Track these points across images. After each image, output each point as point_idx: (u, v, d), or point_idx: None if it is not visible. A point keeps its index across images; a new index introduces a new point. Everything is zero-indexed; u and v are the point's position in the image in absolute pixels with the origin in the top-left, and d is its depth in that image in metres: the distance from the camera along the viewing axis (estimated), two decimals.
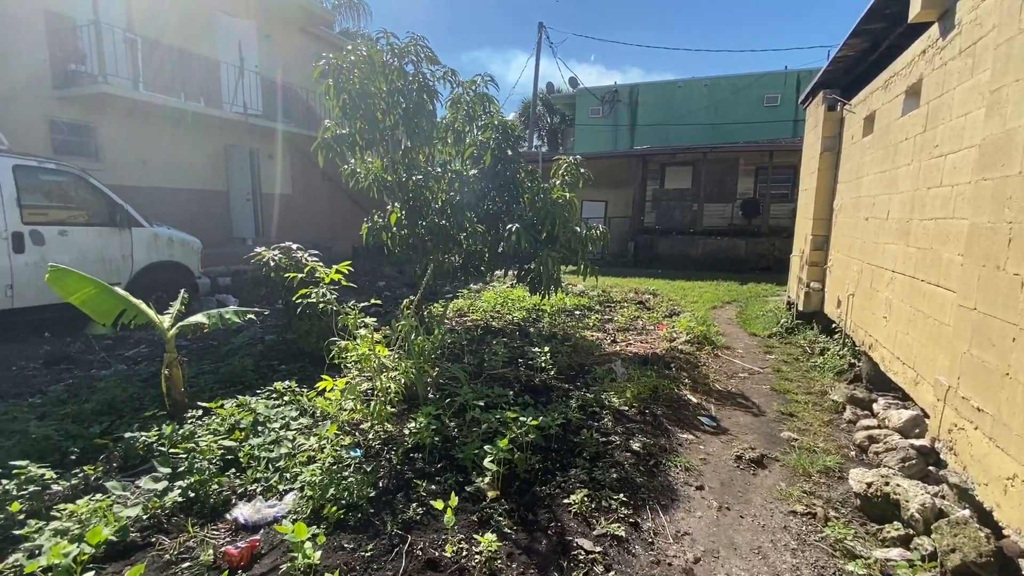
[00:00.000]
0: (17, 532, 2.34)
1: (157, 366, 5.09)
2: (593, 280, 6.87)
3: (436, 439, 3.29)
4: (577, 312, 8.79)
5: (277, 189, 14.83)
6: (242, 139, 13.46)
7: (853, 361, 5.47)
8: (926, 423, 3.55)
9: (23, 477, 2.68)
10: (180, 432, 3.18)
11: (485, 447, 2.92)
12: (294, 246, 5.55)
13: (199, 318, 3.62)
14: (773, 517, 2.82)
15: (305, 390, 4.05)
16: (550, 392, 4.53)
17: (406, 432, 3.42)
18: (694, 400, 4.58)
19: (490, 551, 2.25)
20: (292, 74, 14.69)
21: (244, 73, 13.07)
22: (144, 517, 2.51)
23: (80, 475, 2.91)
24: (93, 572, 2.09)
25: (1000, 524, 2.29)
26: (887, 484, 2.75)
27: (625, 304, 9.70)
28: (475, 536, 2.36)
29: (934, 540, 2.40)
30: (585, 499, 2.74)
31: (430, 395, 4.26)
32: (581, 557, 2.35)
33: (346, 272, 3.98)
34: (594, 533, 2.54)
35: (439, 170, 6.41)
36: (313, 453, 2.97)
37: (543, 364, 4.97)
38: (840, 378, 5.30)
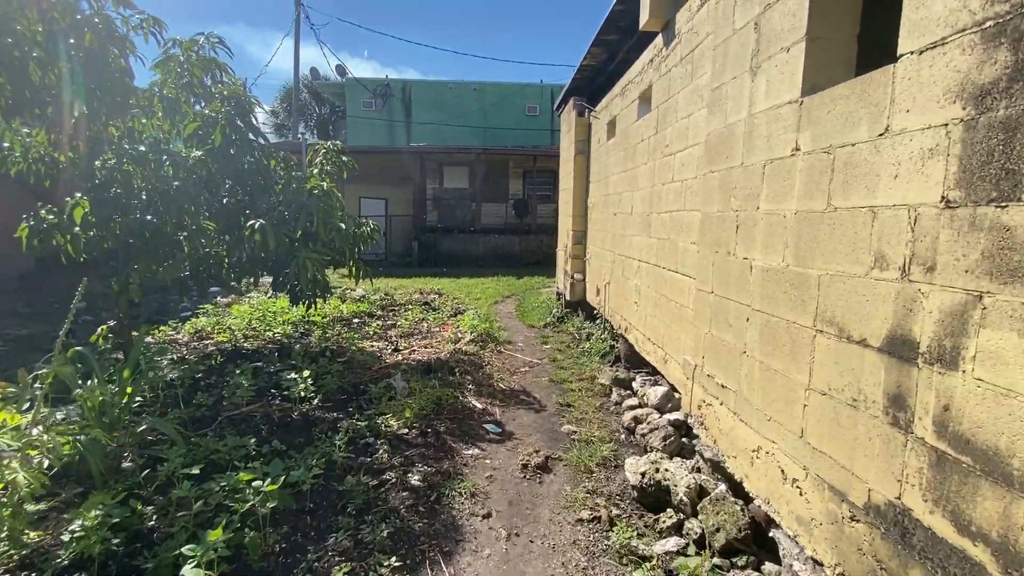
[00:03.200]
0: None
1: None
2: (372, 283, 6.10)
3: (115, 542, 2.18)
4: (356, 320, 7.89)
5: None
6: None
7: (613, 343, 5.98)
8: (676, 396, 3.90)
9: None
10: None
11: (189, 545, 1.99)
12: None
13: None
14: (562, 532, 2.61)
15: None
16: (312, 427, 3.68)
17: (65, 539, 2.21)
18: (479, 406, 4.29)
19: None
20: None
21: None
22: None
23: None
24: None
25: (750, 493, 2.43)
26: (657, 471, 2.79)
27: (410, 306, 9.16)
28: None
29: (701, 521, 2.45)
30: None
31: (126, 463, 2.99)
32: None
33: None
34: None
35: (142, 148, 4.80)
36: None
37: (302, 392, 4.05)
38: (604, 360, 5.72)
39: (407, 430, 3.70)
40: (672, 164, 3.92)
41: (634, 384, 4.70)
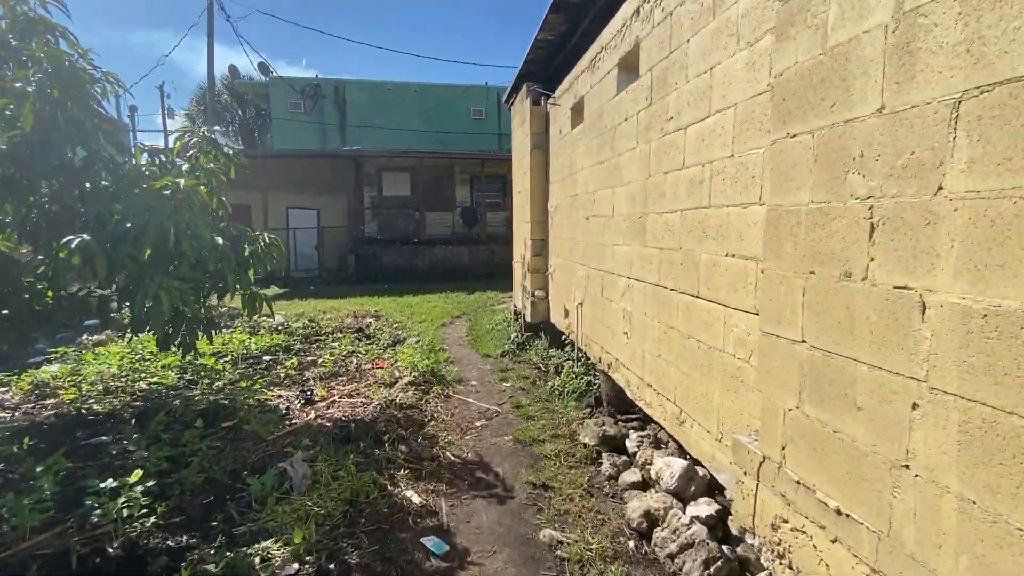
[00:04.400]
0: None
1: None
2: (269, 308, 4.61)
3: None
4: (267, 358, 6.31)
5: None
6: None
7: (590, 380, 4.78)
8: (700, 474, 2.73)
9: None
10: None
11: None
12: None
13: None
14: None
15: None
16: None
17: None
18: (416, 501, 2.93)
19: None
20: None
21: None
22: None
23: None
24: None
25: None
26: None
27: (339, 335, 7.66)
28: None
29: None
30: None
31: None
32: None
33: None
34: None
35: None
36: None
37: (123, 509, 2.54)
38: (581, 403, 4.51)
39: (297, 567, 2.31)
40: (682, 142, 2.77)
41: (628, 444, 3.51)
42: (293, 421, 4.21)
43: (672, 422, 3.00)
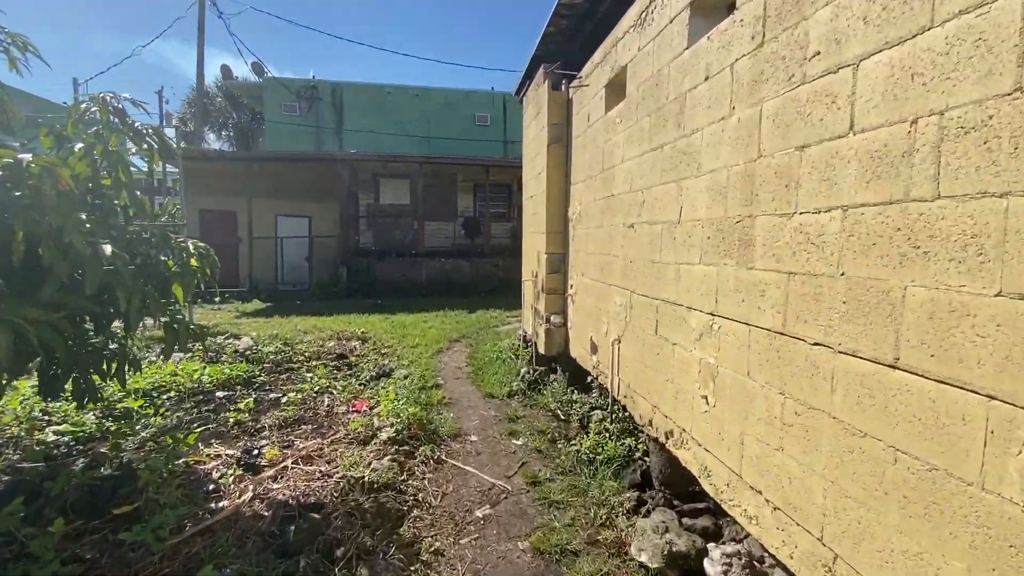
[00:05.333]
0: None
1: None
2: (279, 325, 3.40)
3: None
4: (221, 394, 5.12)
5: None
6: None
7: (632, 443, 3.55)
8: None
9: None
10: None
11: None
12: None
13: None
14: None
15: None
16: None
17: None
18: None
19: None
20: None
21: None
22: None
23: None
24: None
25: None
26: None
27: (315, 363, 6.46)
28: None
29: None
30: None
31: None
32: None
33: None
34: None
35: None
36: None
37: None
38: (623, 479, 3.28)
39: None
40: (845, 90, 1.58)
41: (709, 567, 2.28)
42: (221, 504, 2.99)
43: (815, 569, 1.76)
